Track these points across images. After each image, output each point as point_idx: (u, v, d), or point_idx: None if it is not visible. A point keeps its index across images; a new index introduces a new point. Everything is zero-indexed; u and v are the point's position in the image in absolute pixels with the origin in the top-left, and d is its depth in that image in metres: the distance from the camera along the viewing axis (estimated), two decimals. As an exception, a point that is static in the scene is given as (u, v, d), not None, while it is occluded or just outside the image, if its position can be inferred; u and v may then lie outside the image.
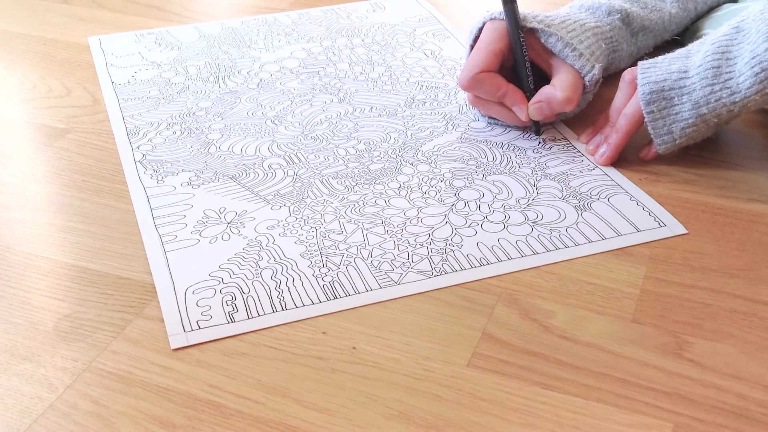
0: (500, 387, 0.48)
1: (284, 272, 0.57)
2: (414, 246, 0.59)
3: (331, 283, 0.56)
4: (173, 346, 0.51)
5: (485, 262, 0.57)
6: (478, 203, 0.63)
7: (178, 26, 0.94)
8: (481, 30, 0.71)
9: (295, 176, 0.67)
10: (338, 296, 0.55)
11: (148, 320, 0.54)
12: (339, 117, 0.75)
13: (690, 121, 0.63)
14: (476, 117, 0.74)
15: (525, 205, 0.62)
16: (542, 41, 0.69)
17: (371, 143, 0.71)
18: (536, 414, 0.47)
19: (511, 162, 0.67)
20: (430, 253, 0.58)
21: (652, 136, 0.65)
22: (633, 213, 0.61)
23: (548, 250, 0.58)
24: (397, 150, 0.70)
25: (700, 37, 0.81)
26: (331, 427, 0.46)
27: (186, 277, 0.57)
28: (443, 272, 0.56)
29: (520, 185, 0.65)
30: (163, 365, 0.50)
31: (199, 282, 0.56)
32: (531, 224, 0.61)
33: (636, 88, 0.65)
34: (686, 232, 0.59)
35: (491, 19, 0.70)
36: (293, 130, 0.73)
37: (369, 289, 0.55)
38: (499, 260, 0.57)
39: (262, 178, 0.67)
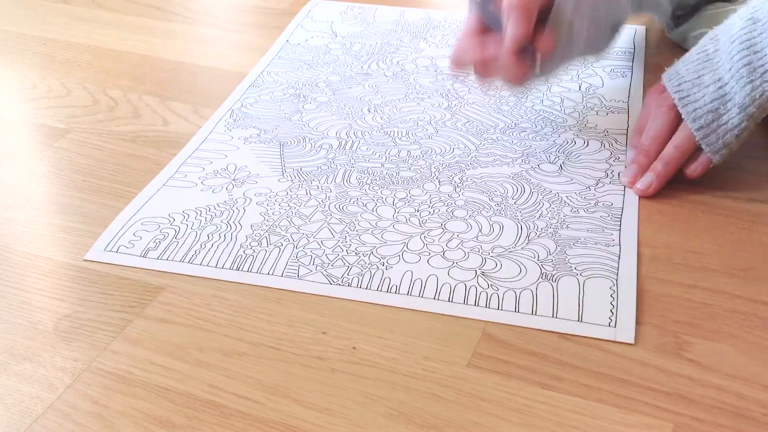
0: (500, 387, 0.48)
1: (224, 233, 0.60)
2: (348, 252, 0.58)
3: (246, 255, 0.58)
4: (84, 257, 0.58)
5: (394, 291, 0.55)
6: (454, 236, 0.60)
7: (386, 6, 0.97)
8: None
9: (329, 159, 0.69)
10: (240, 269, 0.57)
11: (148, 320, 0.54)
12: (428, 121, 0.74)
13: (742, 125, 0.61)
14: (554, 161, 0.68)
15: (495, 254, 0.58)
16: None
17: (428, 152, 0.70)
18: (536, 414, 0.47)
19: (537, 210, 0.62)
20: (356, 263, 0.57)
21: (708, 152, 0.63)
22: (594, 302, 0.54)
23: (465, 303, 0.54)
24: (444, 166, 0.68)
25: (695, 37, 0.81)
26: (331, 427, 0.46)
27: (151, 210, 0.63)
28: (347, 284, 0.56)
29: (515, 234, 0.60)
30: (163, 365, 0.50)
31: (155, 217, 0.62)
32: (477, 271, 0.56)
33: (676, 114, 0.64)
34: (632, 342, 0.51)
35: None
36: (377, 122, 0.74)
37: (270, 273, 0.57)
38: (410, 294, 0.55)
39: (303, 152, 0.70)
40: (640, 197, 0.64)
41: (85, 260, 0.58)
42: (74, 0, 1.02)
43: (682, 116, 0.63)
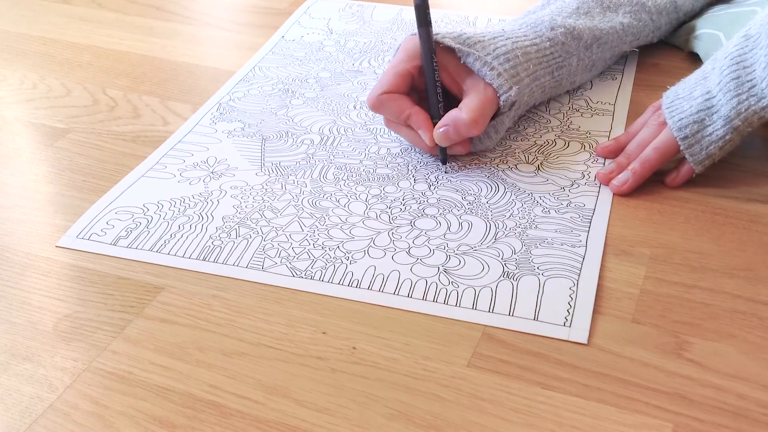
0: (500, 387, 0.48)
1: (194, 224, 0.61)
2: (313, 246, 0.59)
3: (213, 246, 0.59)
4: (57, 244, 0.60)
5: (356, 285, 0.55)
6: (421, 233, 0.60)
7: (385, 4, 0.97)
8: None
9: (309, 155, 0.69)
10: (207, 260, 0.58)
11: (148, 320, 0.54)
12: None
13: (727, 137, 0.62)
14: (532, 161, 0.68)
15: (460, 252, 0.58)
16: (461, 61, 0.66)
17: (408, 150, 0.70)
18: (536, 414, 0.47)
19: (507, 209, 0.62)
20: (320, 256, 0.58)
21: (690, 162, 0.63)
22: (552, 301, 0.54)
23: (424, 299, 0.54)
24: (421, 164, 0.68)
25: (696, 37, 0.81)
26: (331, 427, 0.46)
27: (128, 199, 0.64)
28: (309, 276, 0.56)
29: (483, 232, 0.60)
30: (163, 365, 0.50)
31: (129, 207, 0.63)
32: (440, 268, 0.57)
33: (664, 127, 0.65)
34: (585, 343, 0.51)
35: (411, 35, 0.68)
36: (361, 118, 0.75)
37: (233, 264, 0.58)
38: (370, 288, 0.55)
39: (284, 146, 0.70)
40: (614, 194, 0.64)
41: (57, 247, 0.59)
42: (74, 0, 1.02)
43: (668, 126, 0.64)
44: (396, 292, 0.55)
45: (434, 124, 0.66)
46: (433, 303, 0.54)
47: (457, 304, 0.54)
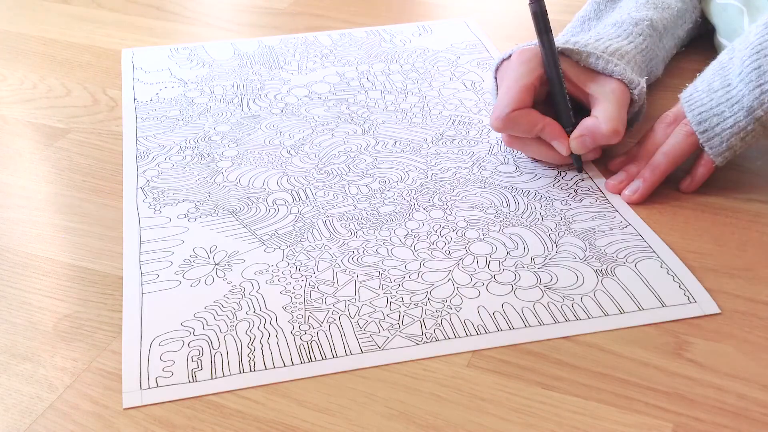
0: (500, 387, 0.48)
1: (261, 326, 0.52)
2: (408, 306, 0.53)
3: (309, 343, 0.51)
4: (125, 405, 0.47)
5: (483, 331, 0.51)
6: (488, 259, 0.57)
7: (213, 42, 0.90)
8: (504, 60, 0.67)
9: (298, 215, 0.62)
10: (314, 359, 0.50)
11: (148, 320, 0.54)
12: (359, 150, 0.70)
13: (749, 128, 0.61)
14: (505, 160, 0.68)
15: (540, 265, 0.56)
16: (581, 64, 0.65)
17: (387, 182, 0.65)
18: (536, 414, 0.47)
19: (534, 213, 0.61)
20: (423, 315, 0.53)
21: (710, 155, 0.62)
22: (661, 283, 0.55)
23: (556, 322, 0.52)
24: (413, 192, 0.64)
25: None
26: (331, 427, 0.46)
27: (156, 325, 0.52)
28: (434, 339, 0.51)
29: (539, 240, 0.59)
30: (163, 365, 0.50)
31: (169, 332, 0.52)
32: (542, 288, 0.54)
33: (673, 130, 0.64)
34: (719, 311, 0.53)
35: (522, 48, 0.66)
36: (307, 163, 0.68)
37: (349, 353, 0.50)
38: (499, 329, 0.52)
39: (263, 215, 0.62)
40: (628, 203, 0.63)
41: (125, 409, 0.47)
42: (74, 0, 1.02)
43: (688, 119, 0.62)
44: (526, 324, 0.52)
45: (566, 133, 0.64)
46: (566, 323, 0.52)
47: (588, 317, 0.52)
